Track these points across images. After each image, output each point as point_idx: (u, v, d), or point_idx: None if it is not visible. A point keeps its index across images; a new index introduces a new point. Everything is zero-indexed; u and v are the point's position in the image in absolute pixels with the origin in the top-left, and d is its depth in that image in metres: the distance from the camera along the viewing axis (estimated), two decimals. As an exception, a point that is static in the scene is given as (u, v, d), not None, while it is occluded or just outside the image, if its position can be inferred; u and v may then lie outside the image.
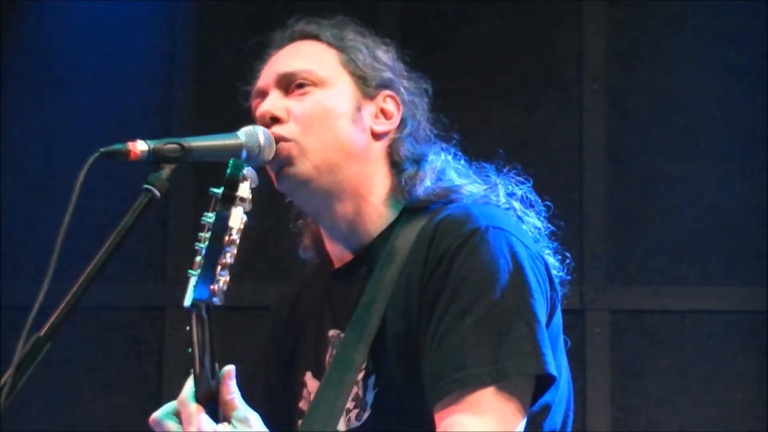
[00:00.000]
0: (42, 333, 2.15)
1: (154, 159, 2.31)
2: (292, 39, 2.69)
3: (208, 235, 2.19)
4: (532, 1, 4.96)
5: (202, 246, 2.19)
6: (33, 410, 4.92)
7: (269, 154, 2.52)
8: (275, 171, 2.57)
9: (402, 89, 2.66)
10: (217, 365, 2.23)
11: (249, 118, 2.61)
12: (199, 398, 2.23)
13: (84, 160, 2.23)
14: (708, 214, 4.77)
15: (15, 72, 5.19)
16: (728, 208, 4.76)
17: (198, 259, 2.18)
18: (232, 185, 2.22)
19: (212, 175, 2.30)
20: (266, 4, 5.07)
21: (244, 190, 2.23)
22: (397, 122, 2.63)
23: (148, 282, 5.16)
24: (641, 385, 4.77)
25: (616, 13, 4.93)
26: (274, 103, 2.59)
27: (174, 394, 2.33)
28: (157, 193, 2.28)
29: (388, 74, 2.65)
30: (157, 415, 2.32)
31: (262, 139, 2.51)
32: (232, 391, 2.25)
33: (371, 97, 2.63)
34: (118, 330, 5.19)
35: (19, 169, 5.18)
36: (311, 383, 2.65)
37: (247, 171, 2.25)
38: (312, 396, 2.60)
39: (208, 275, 2.17)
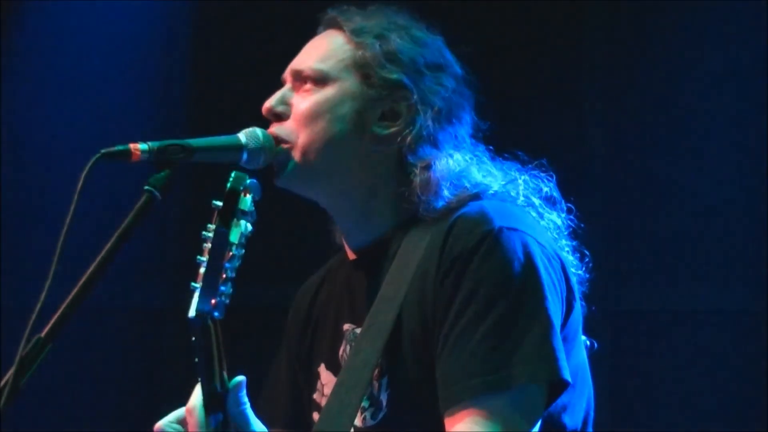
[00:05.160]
0: (43, 334, 2.15)
1: (156, 160, 2.31)
2: (326, 26, 2.65)
3: (208, 248, 2.18)
4: (535, 1, 4.96)
5: (204, 259, 2.18)
6: (33, 410, 4.91)
7: (270, 156, 2.52)
8: (275, 170, 2.56)
9: (417, 90, 2.55)
10: (226, 375, 2.22)
11: (248, 118, 2.61)
12: (207, 408, 2.22)
13: (85, 159, 2.23)
14: (708, 214, 4.77)
15: (15, 72, 5.19)
16: (728, 208, 4.75)
17: (201, 271, 2.18)
18: (233, 198, 2.20)
19: (212, 175, 2.30)
20: (265, 4, 5.06)
21: (246, 203, 2.21)
22: (405, 125, 2.54)
23: (148, 283, 5.16)
24: (641, 384, 4.76)
25: (617, 14, 4.92)
26: (279, 98, 2.59)
27: (173, 395, 2.34)
28: (158, 194, 2.28)
29: (400, 75, 2.54)
30: (161, 423, 2.33)
31: (262, 140, 2.51)
32: (241, 402, 2.24)
33: (378, 99, 2.54)
34: (118, 330, 5.19)
35: (19, 169, 5.17)
36: (325, 375, 2.63)
37: (250, 183, 2.23)
38: (326, 390, 2.59)
39: (210, 288, 2.16)
